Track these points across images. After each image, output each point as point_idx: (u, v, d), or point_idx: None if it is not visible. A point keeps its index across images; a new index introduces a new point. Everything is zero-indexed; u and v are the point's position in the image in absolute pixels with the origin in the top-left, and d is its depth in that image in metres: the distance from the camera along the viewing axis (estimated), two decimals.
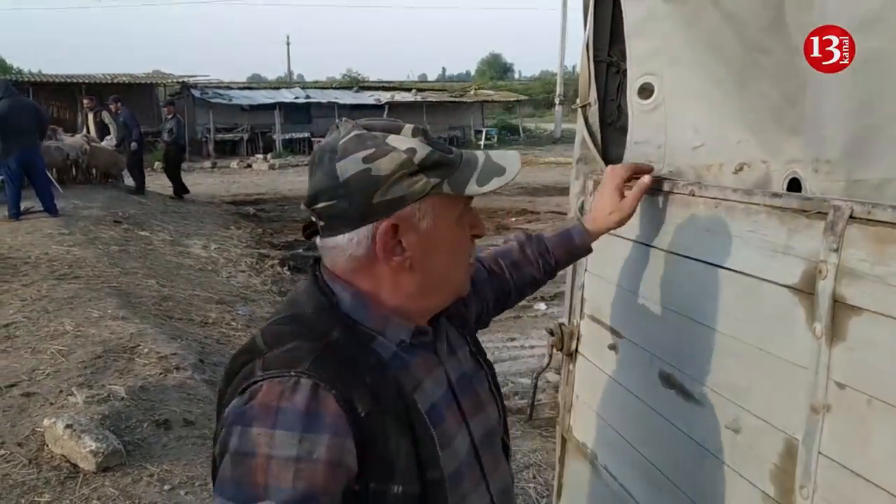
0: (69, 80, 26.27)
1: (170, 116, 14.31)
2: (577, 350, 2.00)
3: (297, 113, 30.71)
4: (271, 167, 24.32)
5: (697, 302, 1.46)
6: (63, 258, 8.09)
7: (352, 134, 1.09)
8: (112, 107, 14.37)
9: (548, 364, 2.08)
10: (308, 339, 1.05)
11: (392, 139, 1.07)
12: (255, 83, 42.91)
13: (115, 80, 26.38)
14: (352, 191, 1.06)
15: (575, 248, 1.59)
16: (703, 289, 1.43)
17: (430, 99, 33.34)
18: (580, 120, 1.99)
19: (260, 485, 0.92)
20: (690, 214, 1.50)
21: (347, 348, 1.06)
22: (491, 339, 6.92)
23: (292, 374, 0.98)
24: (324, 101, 31.18)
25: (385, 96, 32.44)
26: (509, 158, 1.15)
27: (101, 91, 19.41)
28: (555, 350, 2.06)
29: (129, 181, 14.40)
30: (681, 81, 1.63)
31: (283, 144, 29.02)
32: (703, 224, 1.45)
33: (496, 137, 33.55)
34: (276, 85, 39.38)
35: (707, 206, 1.44)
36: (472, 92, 36.59)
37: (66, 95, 25.88)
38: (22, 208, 10.33)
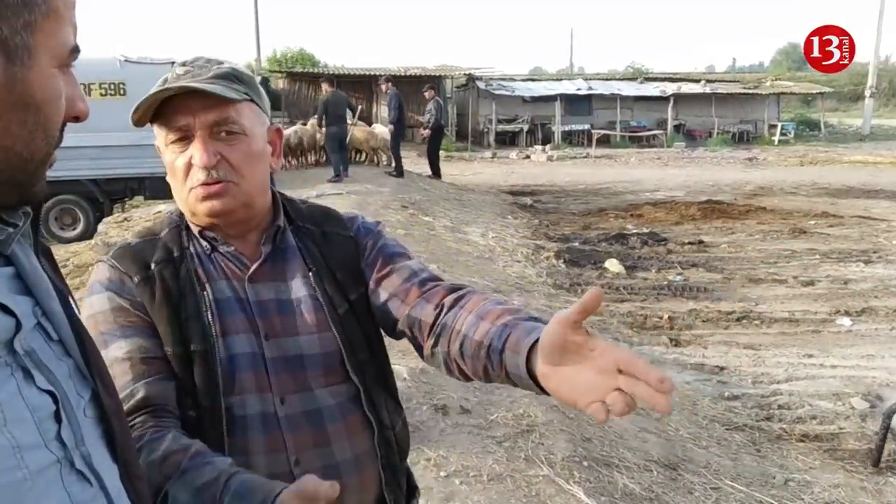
0: (367, 73, 28.41)
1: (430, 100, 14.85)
2: None
3: (578, 104, 30.65)
4: (549, 159, 24.47)
5: None
6: None
7: None
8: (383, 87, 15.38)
9: None
10: (139, 236, 1.38)
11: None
12: (536, 75, 43.56)
13: (408, 73, 27.96)
14: None
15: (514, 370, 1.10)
16: None
17: (718, 90, 31.54)
18: None
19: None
20: None
21: (157, 243, 1.33)
22: (784, 354, 6.27)
23: (103, 258, 1.34)
24: (606, 92, 30.81)
25: (671, 88, 31.23)
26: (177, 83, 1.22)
27: (395, 83, 20.78)
28: None
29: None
30: None
31: (562, 136, 29.09)
32: None
33: (792, 133, 30.94)
34: (558, 77, 39.67)
35: None
36: (768, 83, 34.05)
37: (363, 87, 28.05)
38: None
